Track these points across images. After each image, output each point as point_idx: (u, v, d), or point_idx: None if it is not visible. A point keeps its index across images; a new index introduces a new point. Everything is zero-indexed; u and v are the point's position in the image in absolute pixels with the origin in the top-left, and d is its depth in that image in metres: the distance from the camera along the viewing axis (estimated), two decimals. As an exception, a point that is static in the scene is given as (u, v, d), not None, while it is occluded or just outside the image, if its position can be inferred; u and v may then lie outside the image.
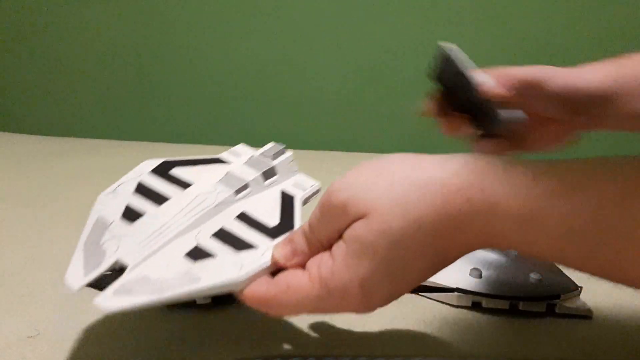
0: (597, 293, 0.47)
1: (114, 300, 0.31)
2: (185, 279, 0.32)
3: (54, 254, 0.53)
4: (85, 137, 1.08)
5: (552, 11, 0.98)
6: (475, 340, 0.41)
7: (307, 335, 0.41)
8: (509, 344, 0.40)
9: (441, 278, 0.45)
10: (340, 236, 0.32)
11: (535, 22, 0.99)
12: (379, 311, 0.44)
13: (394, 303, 0.45)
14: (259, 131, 1.08)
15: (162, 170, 0.41)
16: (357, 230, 0.31)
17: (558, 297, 0.44)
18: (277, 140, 0.46)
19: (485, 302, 0.44)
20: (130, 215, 0.37)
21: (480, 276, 0.45)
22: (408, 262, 0.31)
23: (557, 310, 0.44)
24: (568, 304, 0.44)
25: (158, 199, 0.38)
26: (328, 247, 0.33)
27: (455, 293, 0.44)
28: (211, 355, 0.38)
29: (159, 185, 0.40)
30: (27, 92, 1.20)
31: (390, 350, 0.39)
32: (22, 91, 1.21)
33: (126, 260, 0.34)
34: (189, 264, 0.33)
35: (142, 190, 0.39)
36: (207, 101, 1.13)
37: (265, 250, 0.34)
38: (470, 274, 0.45)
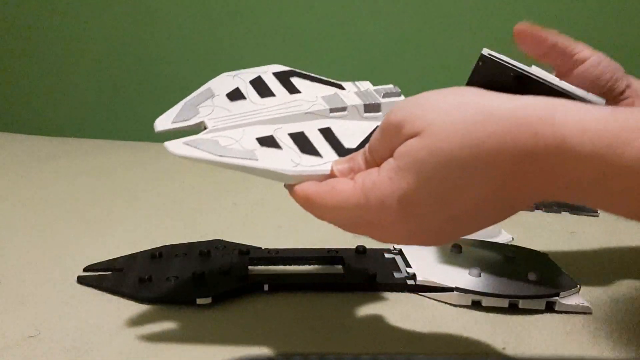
0: (595, 290, 0.47)
1: (181, 147, 0.34)
2: (247, 155, 0.35)
3: (54, 254, 0.53)
4: (85, 137, 1.08)
5: (552, 11, 0.98)
6: (475, 338, 0.41)
7: (307, 334, 0.41)
8: (508, 342, 0.40)
9: (441, 277, 0.45)
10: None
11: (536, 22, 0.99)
12: (380, 310, 0.44)
13: (393, 304, 0.45)
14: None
15: (284, 75, 0.43)
16: (408, 146, 0.30)
17: (557, 295, 0.44)
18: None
19: (484, 301, 0.44)
20: (235, 95, 0.41)
21: (479, 275, 0.45)
22: (459, 189, 0.29)
23: (556, 308, 0.44)
24: (567, 302, 0.44)
25: (265, 92, 0.41)
26: None
27: (455, 292, 0.45)
28: (211, 355, 0.38)
29: (272, 83, 0.42)
30: (27, 92, 1.20)
31: (391, 349, 0.39)
32: (22, 91, 1.21)
33: (209, 124, 0.37)
34: (255, 145, 0.36)
35: (257, 82, 0.42)
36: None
37: (327, 161, 0.35)
38: (469, 273, 0.46)
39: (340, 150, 0.37)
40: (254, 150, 0.35)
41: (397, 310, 0.44)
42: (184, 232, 0.58)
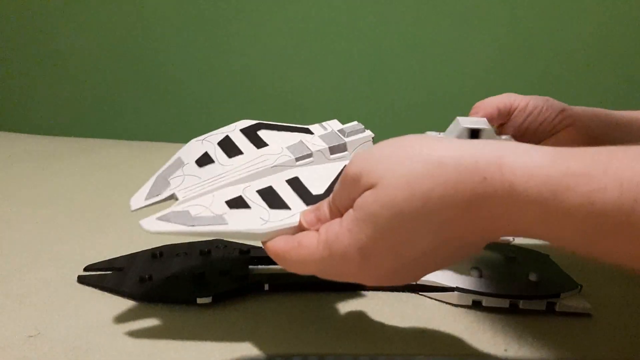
0: (597, 291, 0.47)
1: (155, 224, 0.36)
2: (216, 221, 0.36)
3: (54, 254, 0.53)
4: (85, 136, 1.08)
5: (552, 11, 0.98)
6: (475, 339, 0.41)
7: (307, 334, 0.41)
8: (509, 343, 0.40)
9: (441, 277, 0.45)
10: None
11: (535, 22, 0.99)
12: (380, 310, 0.44)
13: (393, 303, 0.45)
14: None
15: (251, 130, 0.44)
16: (364, 199, 0.31)
17: (558, 295, 0.44)
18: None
19: (485, 301, 0.44)
20: (203, 160, 0.42)
21: (480, 275, 0.45)
22: (412, 237, 0.30)
23: (557, 309, 0.44)
24: (568, 303, 0.44)
25: (233, 152, 0.42)
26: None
27: (456, 292, 0.45)
28: (212, 355, 0.38)
29: (240, 141, 0.43)
30: (27, 91, 1.20)
31: (391, 349, 0.39)
32: (22, 91, 1.21)
33: (179, 195, 0.39)
34: (225, 209, 0.37)
35: (225, 142, 0.43)
36: (206, 101, 1.13)
37: (295, 213, 0.37)
38: (470, 273, 0.45)
39: (309, 198, 0.38)
40: (224, 214, 0.37)
41: (398, 310, 0.44)
42: (184, 232, 0.58)
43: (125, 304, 0.44)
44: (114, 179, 0.78)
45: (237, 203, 0.38)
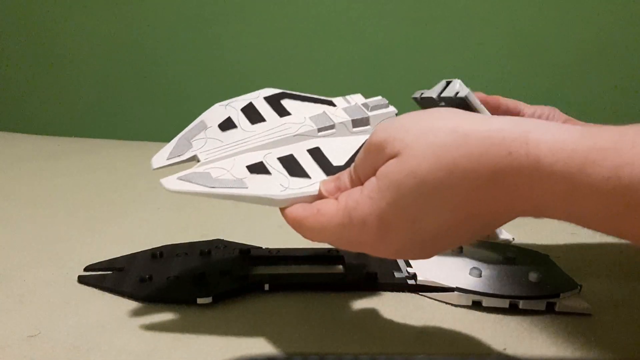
0: (596, 292, 0.47)
1: (175, 183, 0.36)
2: (236, 184, 0.36)
3: (54, 253, 0.53)
4: (85, 136, 1.09)
5: (551, 11, 0.98)
6: (475, 339, 0.41)
7: (307, 334, 0.41)
8: (508, 343, 0.40)
9: (441, 277, 0.45)
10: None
11: (535, 23, 0.99)
12: (380, 310, 0.44)
13: (393, 303, 0.45)
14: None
15: (275, 98, 0.44)
16: (388, 167, 0.31)
17: (558, 296, 0.44)
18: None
19: (485, 301, 0.44)
20: (226, 125, 0.42)
21: (480, 275, 0.45)
22: (433, 208, 0.30)
23: (556, 309, 0.44)
24: (568, 303, 0.44)
25: (256, 118, 0.42)
26: None
27: (456, 292, 0.45)
28: (212, 355, 0.38)
29: (263, 108, 0.43)
30: (27, 92, 1.20)
31: (391, 349, 0.39)
32: (22, 91, 1.21)
33: (201, 157, 0.39)
34: (246, 173, 0.37)
35: (248, 109, 0.43)
36: (206, 101, 1.13)
37: (315, 182, 0.36)
38: (470, 273, 0.46)
39: (329, 169, 0.38)
40: (244, 178, 0.37)
41: (398, 310, 0.44)
42: (184, 232, 0.58)
43: (125, 304, 0.44)
44: (114, 179, 0.78)
45: (258, 168, 0.38)
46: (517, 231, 0.58)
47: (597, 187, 0.25)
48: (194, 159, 0.39)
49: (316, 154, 0.39)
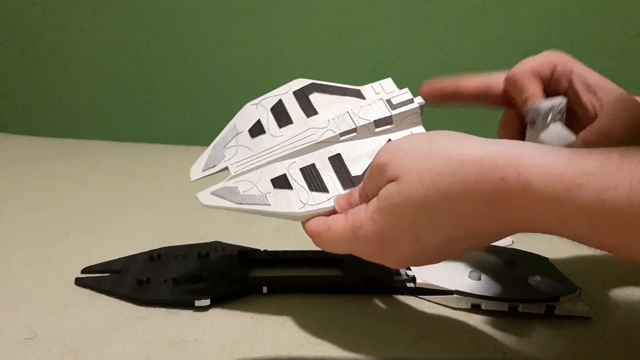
0: (596, 295, 0.47)
1: (209, 198, 0.40)
2: (261, 200, 0.40)
3: (52, 255, 0.53)
4: (84, 138, 1.08)
5: (551, 12, 0.98)
6: (474, 342, 0.41)
7: (305, 337, 0.41)
8: (508, 346, 0.40)
9: (440, 280, 0.45)
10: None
11: (534, 23, 0.99)
12: (379, 313, 0.44)
13: (392, 306, 0.45)
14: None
15: (303, 93, 0.46)
16: (388, 190, 0.33)
17: (557, 299, 0.44)
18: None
19: (484, 305, 0.44)
20: (255, 130, 0.44)
21: (479, 278, 0.45)
22: (432, 228, 0.32)
23: (556, 312, 0.44)
24: (567, 306, 0.44)
25: (283, 120, 0.44)
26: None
27: (455, 295, 0.44)
28: (210, 357, 0.38)
29: (292, 107, 0.45)
30: (26, 93, 1.20)
31: (390, 352, 0.39)
32: (21, 93, 1.20)
33: (232, 169, 0.42)
34: (269, 188, 0.40)
35: (277, 108, 0.45)
36: (205, 103, 1.13)
37: (332, 197, 0.39)
38: (469, 277, 0.45)
39: (347, 180, 0.40)
40: (268, 194, 0.40)
41: (397, 313, 0.44)
42: (182, 234, 0.58)
43: (122, 306, 0.44)
44: (112, 180, 0.77)
45: (281, 182, 0.41)
46: (516, 234, 0.58)
47: (584, 209, 0.27)
48: (226, 169, 0.42)
49: (336, 162, 0.42)
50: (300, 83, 0.46)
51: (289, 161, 0.42)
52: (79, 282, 0.47)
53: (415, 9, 1.02)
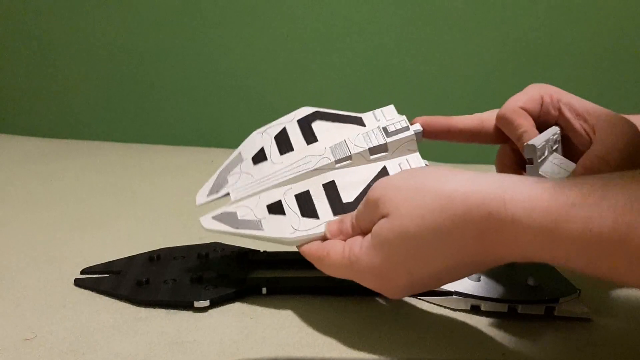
0: (596, 296, 0.47)
1: (210, 222, 0.44)
2: (255, 225, 0.43)
3: (50, 256, 0.53)
4: (83, 139, 1.08)
5: (550, 13, 0.98)
6: (474, 343, 0.41)
7: (305, 338, 0.41)
8: (507, 348, 0.40)
9: (440, 281, 0.45)
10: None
11: (533, 24, 0.99)
12: (378, 314, 0.44)
13: (392, 308, 0.45)
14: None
15: (307, 121, 0.47)
16: (380, 226, 0.35)
17: (557, 300, 0.44)
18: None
19: (483, 306, 0.44)
20: (258, 158, 0.46)
21: (478, 279, 0.45)
22: (424, 261, 0.34)
23: (555, 314, 0.44)
24: (567, 307, 0.44)
25: (285, 148, 0.46)
26: (366, 233, 0.37)
27: (454, 296, 0.44)
28: (208, 359, 0.38)
29: (294, 135, 0.47)
30: (26, 93, 1.20)
31: (389, 354, 0.39)
32: (20, 93, 1.20)
33: (232, 195, 0.45)
34: (265, 213, 0.43)
35: (281, 136, 0.47)
36: (205, 103, 1.13)
37: (322, 222, 0.41)
38: (468, 278, 0.45)
39: (338, 206, 0.42)
40: (262, 219, 0.43)
41: (396, 314, 0.44)
42: (182, 235, 0.58)
43: (122, 307, 0.44)
44: (111, 181, 0.77)
45: (276, 208, 0.43)
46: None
47: (572, 240, 0.28)
48: (228, 195, 0.45)
49: (330, 189, 0.43)
50: (304, 111, 0.48)
51: (286, 187, 0.44)
52: (78, 282, 0.47)
53: (415, 10, 1.02)
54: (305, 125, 0.47)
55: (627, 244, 0.26)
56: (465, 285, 0.45)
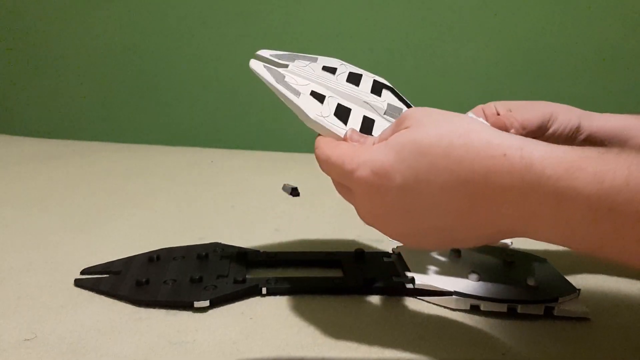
0: (595, 296, 0.47)
1: (259, 66, 0.44)
2: (295, 92, 0.43)
3: (50, 256, 0.53)
4: (83, 139, 1.08)
5: (550, 14, 0.98)
6: (473, 343, 0.41)
7: (305, 338, 0.41)
8: (507, 347, 0.40)
9: (439, 281, 0.45)
10: None
11: (533, 25, 0.99)
12: (378, 314, 0.44)
13: (391, 307, 0.45)
14: (259, 134, 1.08)
15: (380, 85, 0.48)
16: (399, 133, 0.35)
17: (556, 300, 0.44)
18: (279, 143, 0.47)
19: (483, 306, 0.44)
20: (328, 70, 0.47)
21: (478, 279, 0.45)
22: (425, 184, 0.33)
23: (555, 313, 0.44)
24: (566, 307, 0.44)
25: (353, 80, 0.47)
26: None
27: (454, 296, 0.44)
28: (210, 357, 0.38)
29: (365, 83, 0.47)
30: (26, 94, 1.20)
31: (389, 354, 0.39)
32: (20, 93, 1.20)
33: (291, 67, 0.46)
34: (306, 92, 0.43)
35: (354, 75, 0.48)
36: (205, 104, 1.13)
37: (346, 129, 0.41)
38: (468, 278, 0.45)
39: (366, 130, 0.42)
40: (302, 94, 0.43)
41: (396, 315, 0.44)
42: (181, 235, 0.58)
43: (122, 307, 0.44)
44: (111, 181, 0.77)
45: (317, 96, 0.43)
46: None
47: (581, 190, 0.28)
48: (287, 66, 0.46)
49: (367, 122, 0.43)
50: (382, 79, 0.49)
51: (334, 94, 0.45)
52: (78, 283, 0.47)
53: (414, 11, 1.02)
54: (377, 85, 0.48)
55: (638, 202, 0.26)
56: (465, 285, 0.45)
